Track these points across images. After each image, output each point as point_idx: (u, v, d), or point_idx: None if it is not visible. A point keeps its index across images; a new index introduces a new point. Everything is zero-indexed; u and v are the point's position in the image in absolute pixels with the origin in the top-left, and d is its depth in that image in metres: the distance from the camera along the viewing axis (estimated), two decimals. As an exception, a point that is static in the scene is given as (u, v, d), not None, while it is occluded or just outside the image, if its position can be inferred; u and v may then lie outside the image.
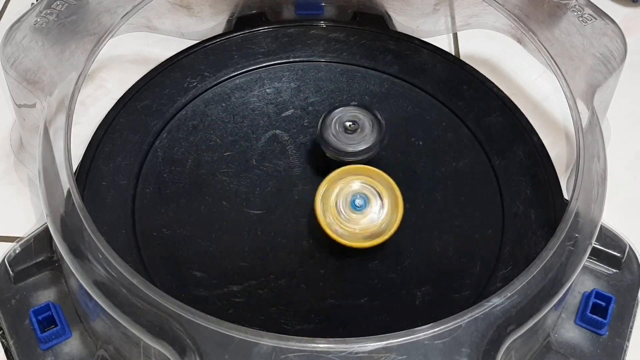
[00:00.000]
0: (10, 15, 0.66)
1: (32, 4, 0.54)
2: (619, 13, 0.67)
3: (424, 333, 0.38)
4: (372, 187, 0.49)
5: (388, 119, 0.56)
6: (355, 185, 0.49)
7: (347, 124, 0.51)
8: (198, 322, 0.38)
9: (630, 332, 0.46)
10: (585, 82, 0.51)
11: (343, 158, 0.51)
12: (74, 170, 0.47)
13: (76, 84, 0.48)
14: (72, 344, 0.45)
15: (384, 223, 0.48)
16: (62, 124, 0.46)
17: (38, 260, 0.47)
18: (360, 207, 0.48)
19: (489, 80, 0.59)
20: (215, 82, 0.58)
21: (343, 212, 0.48)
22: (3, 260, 0.46)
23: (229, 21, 0.63)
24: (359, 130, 0.51)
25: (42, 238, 0.47)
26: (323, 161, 0.53)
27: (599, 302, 0.47)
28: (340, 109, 0.52)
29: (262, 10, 0.63)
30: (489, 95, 0.58)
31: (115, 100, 0.56)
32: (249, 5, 0.63)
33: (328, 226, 0.48)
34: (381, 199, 0.48)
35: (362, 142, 0.51)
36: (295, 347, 0.37)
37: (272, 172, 0.53)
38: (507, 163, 0.54)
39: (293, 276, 0.48)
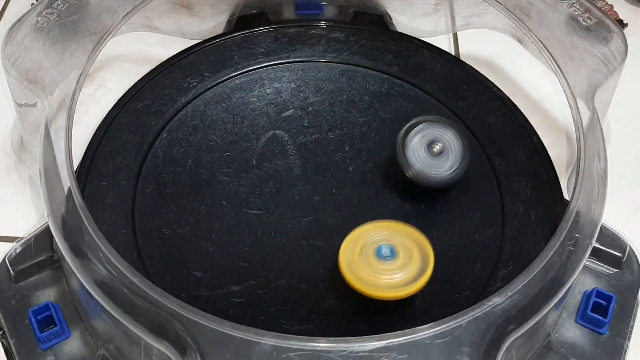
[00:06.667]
0: (11, 15, 0.66)
1: (33, 3, 0.54)
2: (619, 13, 0.67)
3: (424, 332, 0.38)
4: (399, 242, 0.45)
5: (388, 118, 0.56)
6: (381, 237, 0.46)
7: (435, 148, 0.49)
8: (199, 321, 0.38)
9: (631, 331, 0.46)
10: (585, 82, 0.51)
11: (425, 181, 0.49)
12: (74, 169, 0.47)
13: (77, 83, 0.48)
14: (73, 344, 0.45)
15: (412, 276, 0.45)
16: (63, 124, 0.46)
17: (39, 259, 0.47)
18: (387, 257, 0.45)
19: (489, 80, 0.59)
20: (215, 82, 0.58)
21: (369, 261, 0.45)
22: (4, 259, 0.46)
23: (229, 21, 0.63)
24: (444, 153, 0.49)
25: (43, 237, 0.47)
26: (323, 161, 0.54)
27: (599, 300, 0.46)
28: (421, 125, 0.50)
29: (262, 10, 0.63)
30: (489, 95, 0.58)
31: (116, 100, 0.56)
32: (249, 5, 0.63)
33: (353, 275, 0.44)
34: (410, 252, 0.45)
35: (448, 165, 0.49)
36: (296, 346, 0.37)
37: (272, 172, 0.53)
38: (507, 163, 0.54)
39: (293, 276, 0.48)
